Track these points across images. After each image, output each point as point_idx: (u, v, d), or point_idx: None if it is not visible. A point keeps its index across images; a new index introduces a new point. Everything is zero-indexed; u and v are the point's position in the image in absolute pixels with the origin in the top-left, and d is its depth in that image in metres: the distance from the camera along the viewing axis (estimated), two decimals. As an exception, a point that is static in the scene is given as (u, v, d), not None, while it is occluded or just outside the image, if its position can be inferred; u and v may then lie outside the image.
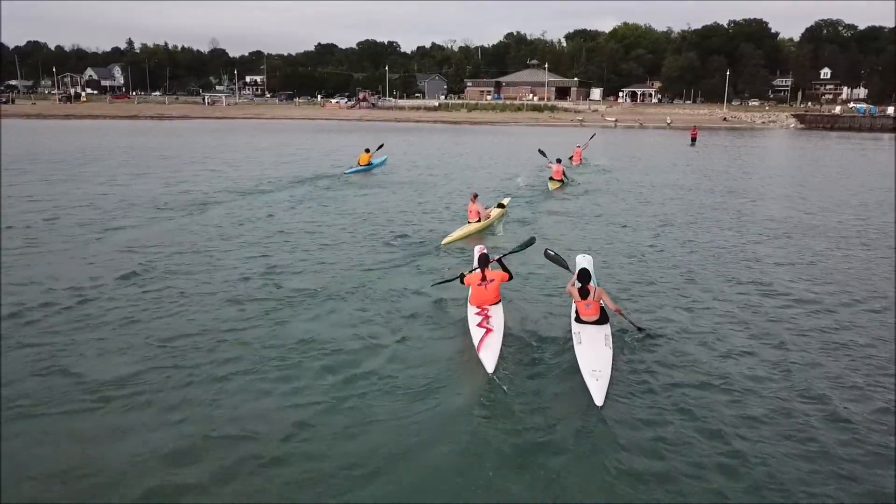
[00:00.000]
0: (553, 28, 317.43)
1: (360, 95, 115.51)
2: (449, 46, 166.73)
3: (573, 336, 8.01)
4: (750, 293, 10.85)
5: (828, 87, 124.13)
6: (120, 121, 76.79)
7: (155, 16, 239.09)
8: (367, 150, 27.08)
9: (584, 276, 8.45)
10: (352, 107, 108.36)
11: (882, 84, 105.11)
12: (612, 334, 8.06)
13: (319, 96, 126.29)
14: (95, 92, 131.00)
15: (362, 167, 26.37)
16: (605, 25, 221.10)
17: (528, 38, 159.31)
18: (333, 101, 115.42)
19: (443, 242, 13.72)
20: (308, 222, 15.82)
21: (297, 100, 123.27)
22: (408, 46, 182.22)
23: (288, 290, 10.29)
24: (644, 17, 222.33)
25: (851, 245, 14.57)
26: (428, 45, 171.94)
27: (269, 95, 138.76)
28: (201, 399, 6.82)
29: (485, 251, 10.26)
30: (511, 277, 9.19)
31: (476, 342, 7.85)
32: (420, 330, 9.01)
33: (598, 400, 6.74)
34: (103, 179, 22.92)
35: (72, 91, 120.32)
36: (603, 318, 8.22)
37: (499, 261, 9.49)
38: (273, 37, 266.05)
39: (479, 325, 8.19)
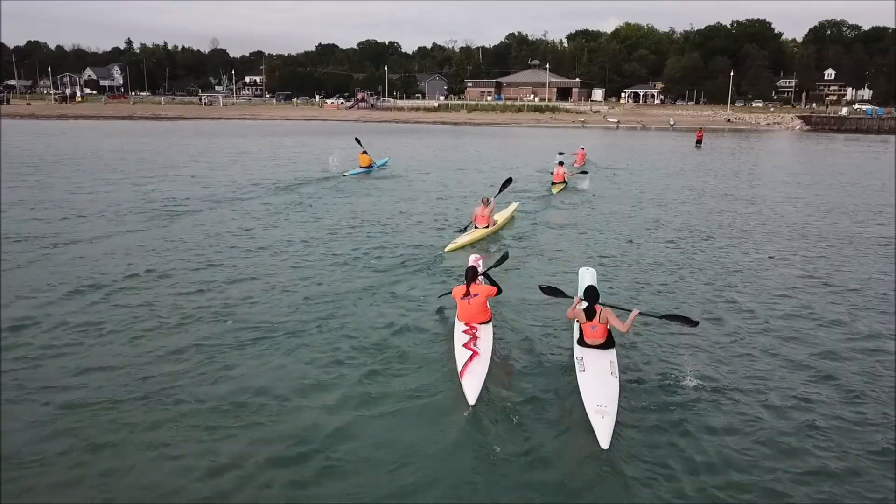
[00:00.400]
0: (555, 29, 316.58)
1: (359, 96, 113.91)
2: (450, 47, 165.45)
3: (576, 362, 7.16)
4: (786, 320, 9.33)
5: (832, 88, 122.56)
6: (113, 121, 75.17)
7: (157, 16, 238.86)
8: (366, 152, 26.49)
9: (590, 294, 7.49)
10: (350, 107, 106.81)
11: (887, 85, 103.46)
12: (619, 359, 7.26)
13: (318, 97, 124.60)
14: (94, 92, 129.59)
15: (363, 169, 25.78)
16: (607, 26, 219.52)
17: (530, 38, 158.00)
18: (329, 101, 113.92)
19: (446, 249, 12.79)
20: (280, 238, 14.07)
21: (295, 100, 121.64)
22: (409, 46, 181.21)
23: (240, 327, 8.65)
24: (646, 18, 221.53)
25: None
26: (429, 46, 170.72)
27: (268, 96, 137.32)
28: (97, 480, 5.22)
29: (478, 263, 9.85)
30: (499, 291, 8.50)
31: (459, 367, 7.06)
32: (394, 356, 7.87)
33: (604, 441, 5.82)
34: (69, 186, 21.21)
35: (67, 91, 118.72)
36: (609, 342, 7.38)
37: (485, 275, 8.87)
38: (275, 37, 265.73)
39: (465, 345, 7.46)
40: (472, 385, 6.66)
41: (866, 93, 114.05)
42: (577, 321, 7.56)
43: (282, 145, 41.76)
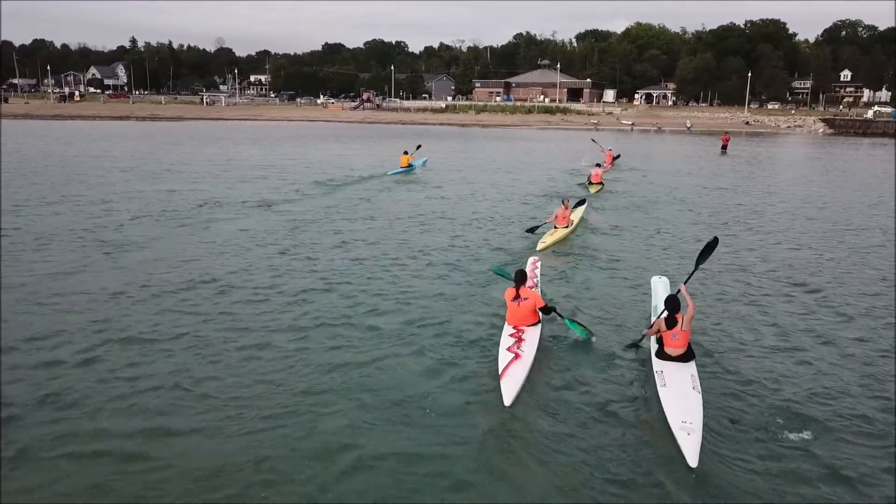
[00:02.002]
0: (563, 29, 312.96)
1: (364, 96, 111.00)
2: (457, 46, 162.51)
3: (655, 376, 6.92)
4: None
5: (848, 89, 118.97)
6: (109, 122, 72.56)
7: (157, 16, 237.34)
8: (406, 153, 27.81)
9: (673, 303, 7.26)
10: (355, 108, 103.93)
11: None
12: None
13: (322, 97, 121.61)
14: (98, 91, 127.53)
15: (404, 169, 27.13)
16: (616, 27, 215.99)
17: (538, 38, 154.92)
18: (332, 101, 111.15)
19: (538, 248, 13.55)
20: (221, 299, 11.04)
21: (299, 100, 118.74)
22: (416, 46, 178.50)
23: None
24: (654, 19, 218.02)
25: None
26: (436, 45, 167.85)
27: (272, 95, 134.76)
28: None
29: (536, 266, 10.22)
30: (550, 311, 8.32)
31: (500, 369, 7.05)
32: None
33: (692, 460, 5.52)
34: (11, 204, 18.00)
35: (66, 90, 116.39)
36: (689, 353, 7.16)
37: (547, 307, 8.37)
38: (282, 37, 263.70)
39: (509, 349, 7.45)
40: (509, 387, 6.68)
41: (884, 94, 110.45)
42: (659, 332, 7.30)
43: (276, 152, 38.07)
